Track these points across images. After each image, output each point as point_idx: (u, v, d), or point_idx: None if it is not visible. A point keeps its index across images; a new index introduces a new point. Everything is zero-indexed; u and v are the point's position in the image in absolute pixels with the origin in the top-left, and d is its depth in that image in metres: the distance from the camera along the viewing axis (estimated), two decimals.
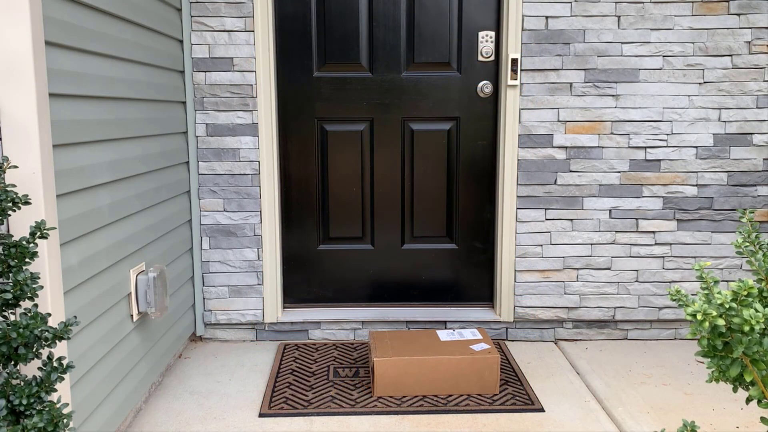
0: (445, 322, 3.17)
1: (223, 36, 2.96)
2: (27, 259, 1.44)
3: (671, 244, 3.11)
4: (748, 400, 1.38)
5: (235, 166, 3.04)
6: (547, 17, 2.97)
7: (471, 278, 3.27)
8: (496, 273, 3.19)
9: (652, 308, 3.14)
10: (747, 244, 1.41)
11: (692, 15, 2.97)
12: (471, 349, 2.60)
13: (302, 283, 3.27)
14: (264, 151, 3.03)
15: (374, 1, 3.10)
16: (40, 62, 1.64)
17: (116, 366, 2.17)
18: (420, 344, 2.65)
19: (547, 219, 3.09)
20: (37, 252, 1.46)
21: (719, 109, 3.03)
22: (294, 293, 3.26)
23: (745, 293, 1.28)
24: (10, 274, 1.43)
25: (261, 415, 2.45)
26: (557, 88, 3.01)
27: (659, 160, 3.06)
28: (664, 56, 2.99)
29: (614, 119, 3.03)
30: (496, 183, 3.18)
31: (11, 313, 1.50)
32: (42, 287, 1.48)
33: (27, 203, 1.46)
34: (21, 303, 1.46)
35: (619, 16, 2.97)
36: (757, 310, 1.25)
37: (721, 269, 3.12)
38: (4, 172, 1.48)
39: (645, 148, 3.05)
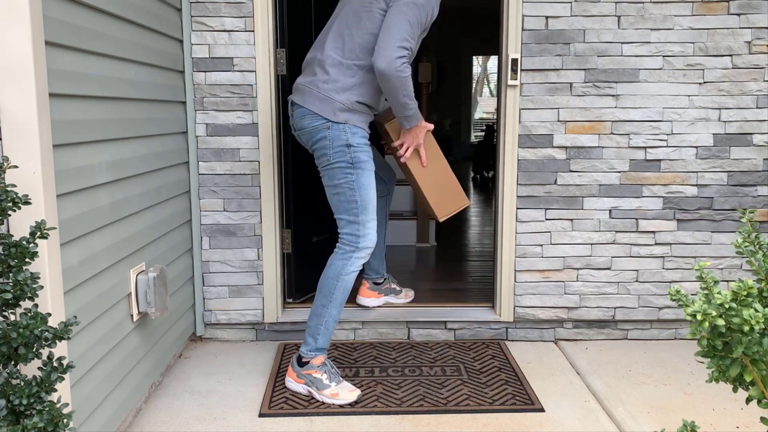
0: (445, 322, 3.17)
1: (223, 36, 2.96)
2: (27, 259, 1.44)
3: (671, 244, 3.11)
4: (748, 400, 1.38)
5: (235, 166, 3.04)
6: (547, 17, 2.96)
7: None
8: (496, 273, 3.19)
9: (652, 308, 3.14)
10: (747, 244, 1.40)
11: (692, 15, 2.97)
12: None
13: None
14: (264, 152, 3.03)
15: None
16: (40, 62, 1.63)
17: (116, 366, 2.17)
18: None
19: (547, 219, 3.09)
20: (37, 252, 1.46)
21: (719, 109, 3.03)
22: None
23: (745, 293, 1.28)
24: (10, 274, 1.42)
25: (261, 415, 2.45)
26: (557, 88, 3.01)
27: (659, 160, 3.06)
28: (664, 56, 2.99)
29: (614, 119, 3.03)
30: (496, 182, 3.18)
31: (11, 313, 1.50)
32: (42, 287, 1.48)
33: (27, 203, 1.46)
34: (21, 303, 1.45)
35: (619, 16, 2.97)
36: (757, 310, 1.25)
37: (721, 269, 3.12)
38: (4, 172, 1.48)
39: (645, 148, 3.05)
